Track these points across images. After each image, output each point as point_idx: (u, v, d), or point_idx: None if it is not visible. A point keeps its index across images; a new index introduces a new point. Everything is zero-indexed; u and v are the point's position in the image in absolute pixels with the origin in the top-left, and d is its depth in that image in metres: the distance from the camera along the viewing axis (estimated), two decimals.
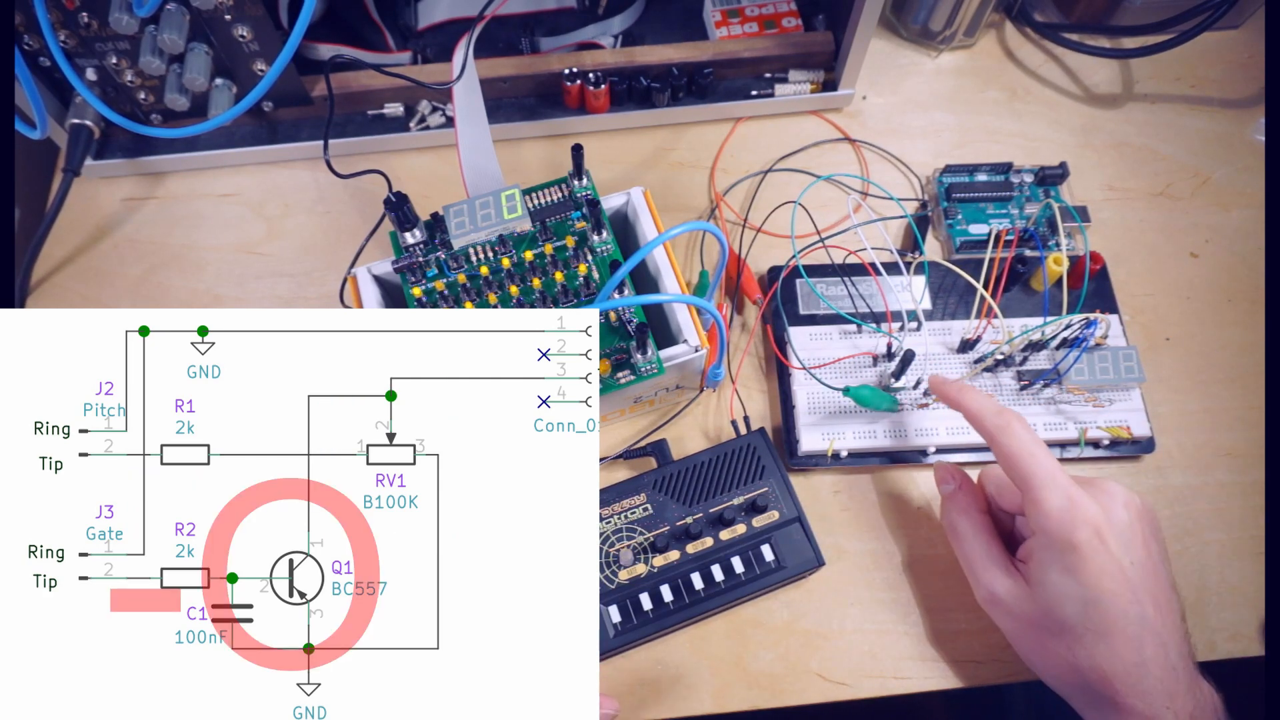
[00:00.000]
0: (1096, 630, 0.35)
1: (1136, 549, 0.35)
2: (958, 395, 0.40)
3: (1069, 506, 0.35)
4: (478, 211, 0.43)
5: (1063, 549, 0.35)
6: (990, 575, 0.38)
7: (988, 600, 0.39)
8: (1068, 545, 0.35)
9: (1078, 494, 0.35)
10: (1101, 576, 0.34)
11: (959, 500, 0.41)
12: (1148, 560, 0.36)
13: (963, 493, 0.41)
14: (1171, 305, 0.52)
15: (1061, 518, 0.35)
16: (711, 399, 0.49)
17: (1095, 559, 0.34)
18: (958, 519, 0.41)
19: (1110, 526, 0.35)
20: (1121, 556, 0.35)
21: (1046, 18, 0.62)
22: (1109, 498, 0.36)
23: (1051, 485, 0.36)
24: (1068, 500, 0.35)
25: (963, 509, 0.41)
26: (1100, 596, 0.34)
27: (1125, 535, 0.35)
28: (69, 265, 0.53)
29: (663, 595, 0.42)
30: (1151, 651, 0.34)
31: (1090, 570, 0.34)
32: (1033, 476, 0.36)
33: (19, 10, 0.46)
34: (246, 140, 0.55)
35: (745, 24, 0.58)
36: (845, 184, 0.56)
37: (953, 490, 0.42)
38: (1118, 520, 0.36)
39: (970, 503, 0.41)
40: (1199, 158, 0.57)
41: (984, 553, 0.39)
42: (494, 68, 0.54)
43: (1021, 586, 0.37)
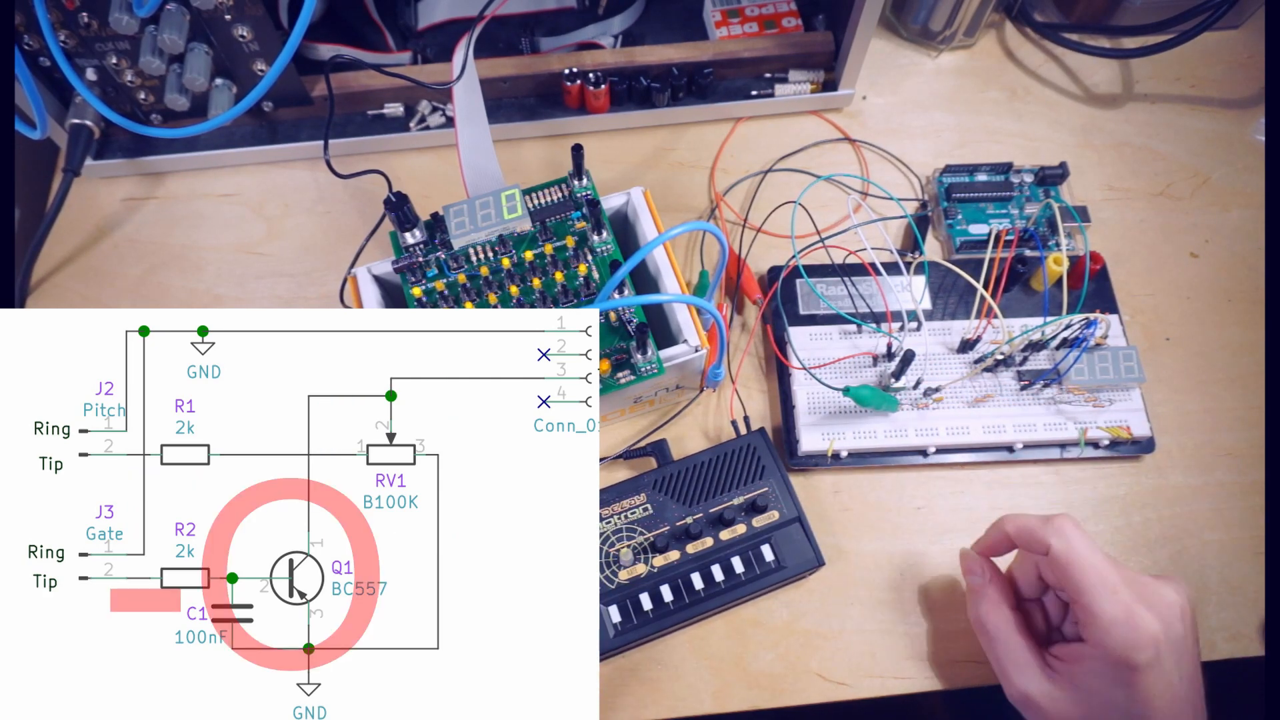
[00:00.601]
0: None
1: (1187, 664, 0.35)
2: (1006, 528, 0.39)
3: (1128, 621, 0.34)
4: (478, 211, 0.43)
5: (1120, 665, 0.34)
6: (1025, 678, 0.37)
7: (1021, 701, 0.38)
8: (1127, 663, 0.34)
9: (1136, 606, 0.34)
10: (1154, 695, 0.34)
11: (989, 595, 0.39)
12: (1194, 673, 0.35)
13: (993, 587, 0.40)
14: (1171, 305, 0.52)
15: (1122, 634, 0.34)
16: (711, 399, 0.49)
17: (1152, 677, 0.34)
18: (987, 616, 0.39)
19: (1169, 644, 0.34)
20: (1173, 673, 0.34)
21: (1046, 18, 0.62)
22: (1167, 609, 0.35)
23: (1110, 597, 0.35)
24: (1127, 614, 0.34)
25: (994, 604, 0.39)
26: (1149, 714, 0.34)
27: (1179, 649, 0.35)
28: (69, 265, 0.53)
29: (663, 595, 0.42)
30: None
31: (1145, 687, 0.34)
32: (1090, 587, 0.35)
33: (19, 10, 0.46)
34: (246, 140, 0.55)
35: (745, 24, 0.58)
36: (845, 184, 0.56)
37: (981, 584, 0.40)
38: (1174, 635, 0.35)
39: (1000, 598, 0.39)
40: (1199, 158, 0.57)
41: (1018, 654, 0.38)
42: (494, 68, 0.54)
43: (1060, 689, 0.36)
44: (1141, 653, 0.34)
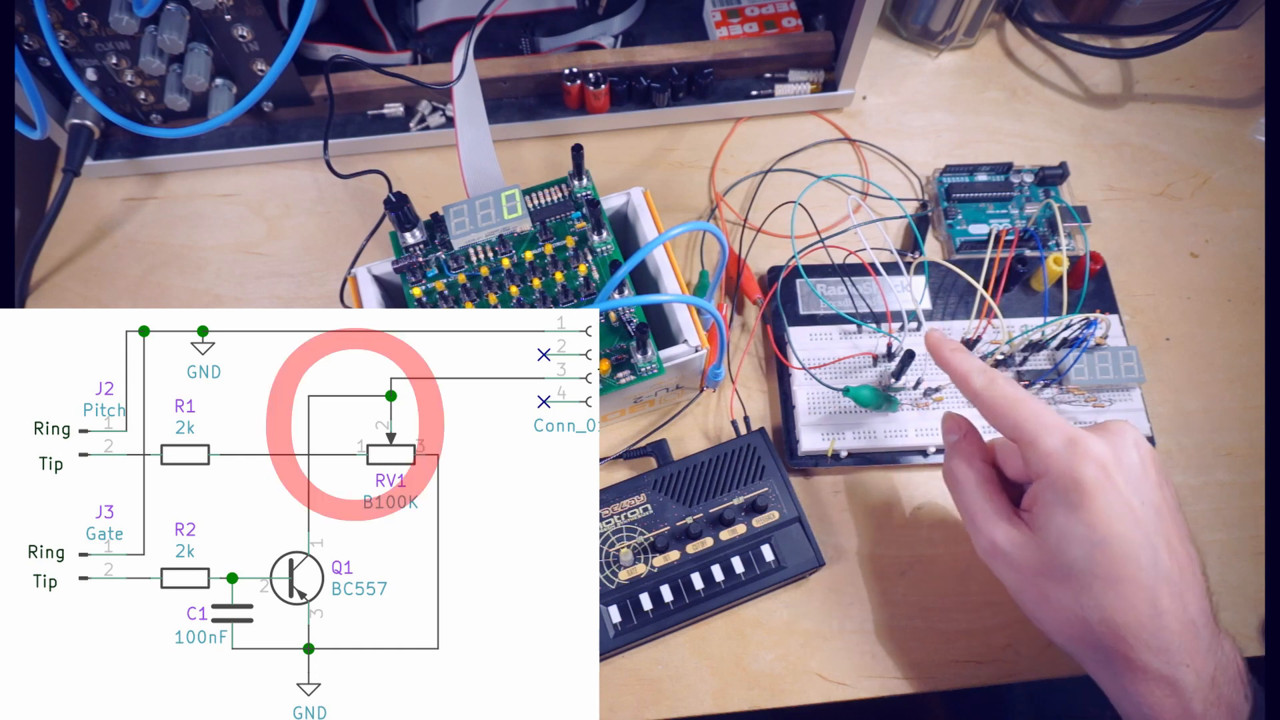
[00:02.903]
0: (1106, 576, 0.31)
1: (1148, 490, 0.32)
2: (948, 355, 0.38)
3: (1070, 444, 0.32)
4: (478, 211, 0.43)
5: (1066, 487, 0.32)
6: (990, 524, 0.35)
7: (988, 551, 0.36)
8: (1071, 482, 0.32)
9: (1079, 433, 0.33)
10: (1110, 516, 0.31)
11: (962, 449, 0.38)
12: (1162, 504, 0.33)
13: (966, 442, 0.38)
14: (1171, 305, 0.52)
15: (1063, 454, 0.32)
16: (711, 399, 0.49)
17: (1102, 496, 0.31)
18: (958, 466, 0.38)
19: (1119, 464, 0.32)
20: (1131, 496, 0.32)
21: (1046, 18, 0.62)
22: (1117, 437, 0.33)
23: (1047, 428, 0.33)
24: (1068, 439, 0.33)
25: (965, 457, 0.38)
26: (1108, 538, 0.31)
27: (1136, 475, 0.32)
28: (69, 265, 0.53)
29: (663, 595, 0.42)
30: (1168, 603, 0.31)
31: (1097, 508, 0.31)
32: (1025, 423, 0.34)
33: (19, 10, 0.46)
34: (246, 140, 0.55)
35: (745, 24, 0.58)
36: (845, 184, 0.56)
37: (957, 440, 0.39)
38: (1128, 460, 0.33)
39: (973, 452, 0.38)
40: (1199, 158, 0.57)
41: (985, 501, 0.36)
42: (494, 68, 0.54)
43: (1024, 534, 0.34)
44: (1084, 468, 0.32)
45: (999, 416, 0.35)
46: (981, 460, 0.38)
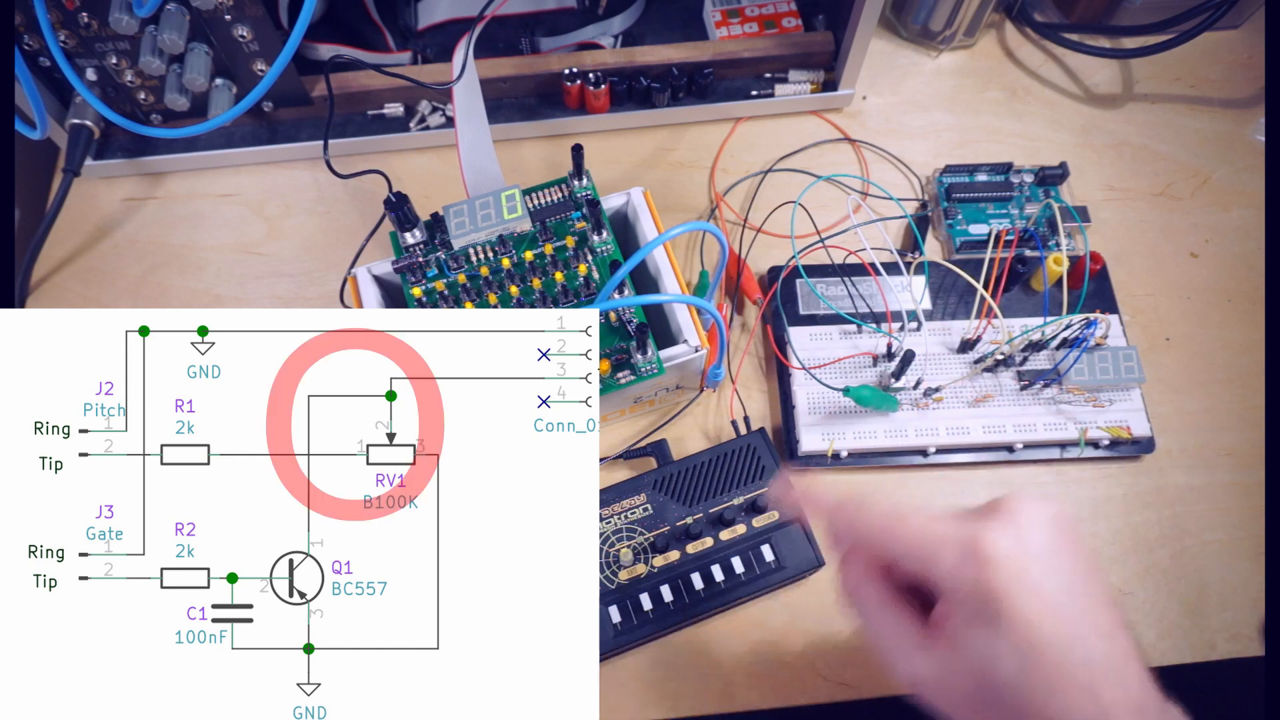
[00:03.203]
0: (1043, 686, 0.28)
1: (1062, 571, 0.29)
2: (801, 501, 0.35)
3: (970, 554, 0.29)
4: (478, 211, 0.43)
5: (979, 604, 0.29)
6: (907, 658, 0.31)
7: (912, 686, 0.31)
8: (984, 597, 0.28)
9: (975, 535, 0.29)
10: (1031, 622, 0.28)
11: (853, 568, 0.33)
12: (1078, 578, 0.30)
13: (855, 555, 0.33)
14: (1171, 305, 0.52)
15: (966, 569, 0.29)
16: (711, 399, 0.49)
17: (1020, 602, 0.28)
18: (856, 593, 0.33)
19: (1026, 556, 0.29)
20: (1048, 588, 0.29)
21: (1046, 18, 0.62)
22: (1014, 519, 0.30)
23: (939, 543, 0.30)
24: (965, 548, 0.29)
25: (859, 578, 0.33)
26: (1035, 645, 0.28)
27: (1046, 560, 0.29)
28: (69, 265, 0.53)
29: (663, 595, 0.42)
30: (1110, 694, 0.28)
31: (1018, 617, 0.28)
32: (912, 545, 0.30)
33: (19, 10, 0.46)
34: (246, 140, 0.55)
35: (745, 24, 0.58)
36: (845, 184, 0.56)
37: (845, 555, 0.34)
38: (1033, 545, 0.29)
39: (866, 568, 0.33)
40: (1199, 158, 0.57)
41: (894, 630, 0.32)
42: (494, 68, 0.54)
43: (945, 658, 0.30)
44: (995, 579, 0.28)
45: (882, 547, 0.32)
46: (878, 574, 0.33)
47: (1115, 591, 0.31)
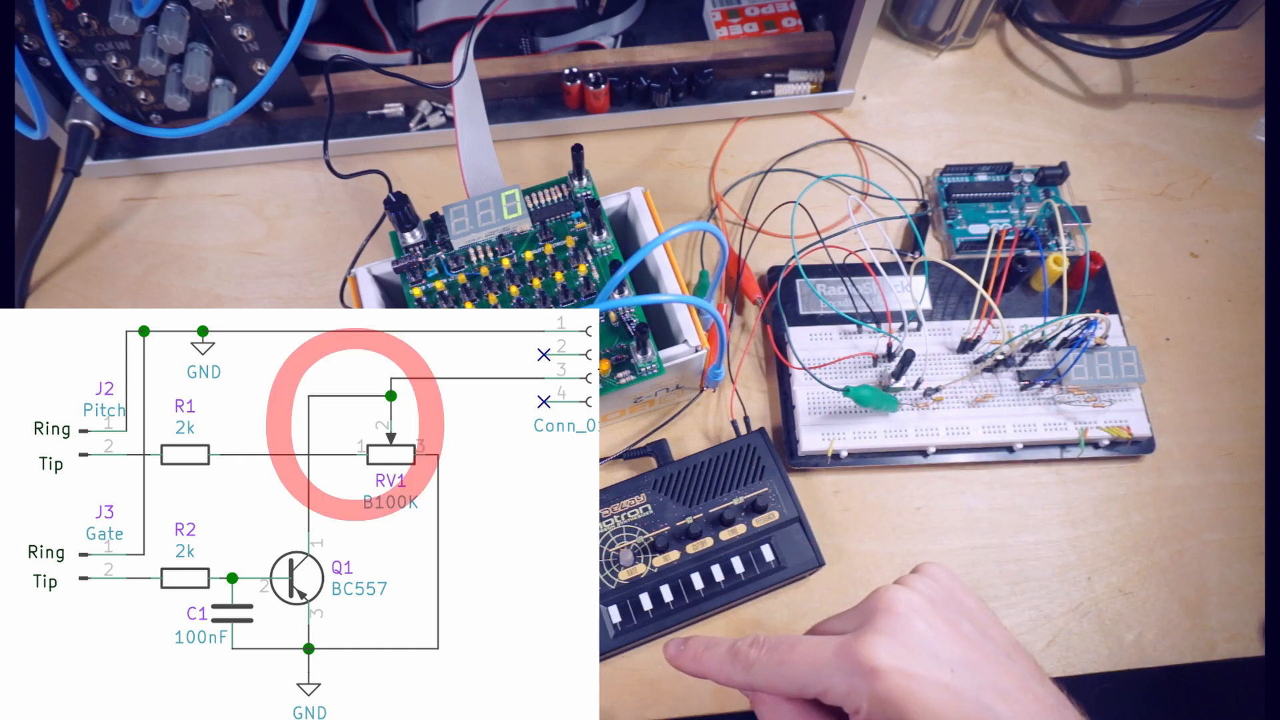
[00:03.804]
0: None
1: (950, 651, 0.30)
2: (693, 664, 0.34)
3: (854, 669, 0.29)
4: (478, 211, 0.43)
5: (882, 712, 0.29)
6: None
7: None
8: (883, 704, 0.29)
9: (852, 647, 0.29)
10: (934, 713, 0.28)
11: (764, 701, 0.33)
12: (970, 652, 0.30)
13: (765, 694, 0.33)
14: (1171, 305, 0.52)
15: (859, 688, 0.29)
16: (711, 399, 0.49)
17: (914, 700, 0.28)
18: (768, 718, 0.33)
19: (908, 650, 0.29)
20: (940, 675, 0.29)
21: (1046, 18, 0.62)
22: (889, 616, 0.30)
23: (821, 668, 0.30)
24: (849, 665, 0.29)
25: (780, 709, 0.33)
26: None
27: (930, 647, 0.30)
28: (69, 265, 0.53)
29: (663, 595, 0.42)
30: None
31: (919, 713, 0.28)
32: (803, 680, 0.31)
33: (19, 10, 0.46)
34: (246, 140, 0.55)
35: (745, 24, 0.58)
36: (845, 184, 0.56)
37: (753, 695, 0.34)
38: (914, 637, 0.30)
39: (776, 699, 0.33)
40: (1199, 158, 0.57)
41: None
42: (494, 68, 0.54)
43: None
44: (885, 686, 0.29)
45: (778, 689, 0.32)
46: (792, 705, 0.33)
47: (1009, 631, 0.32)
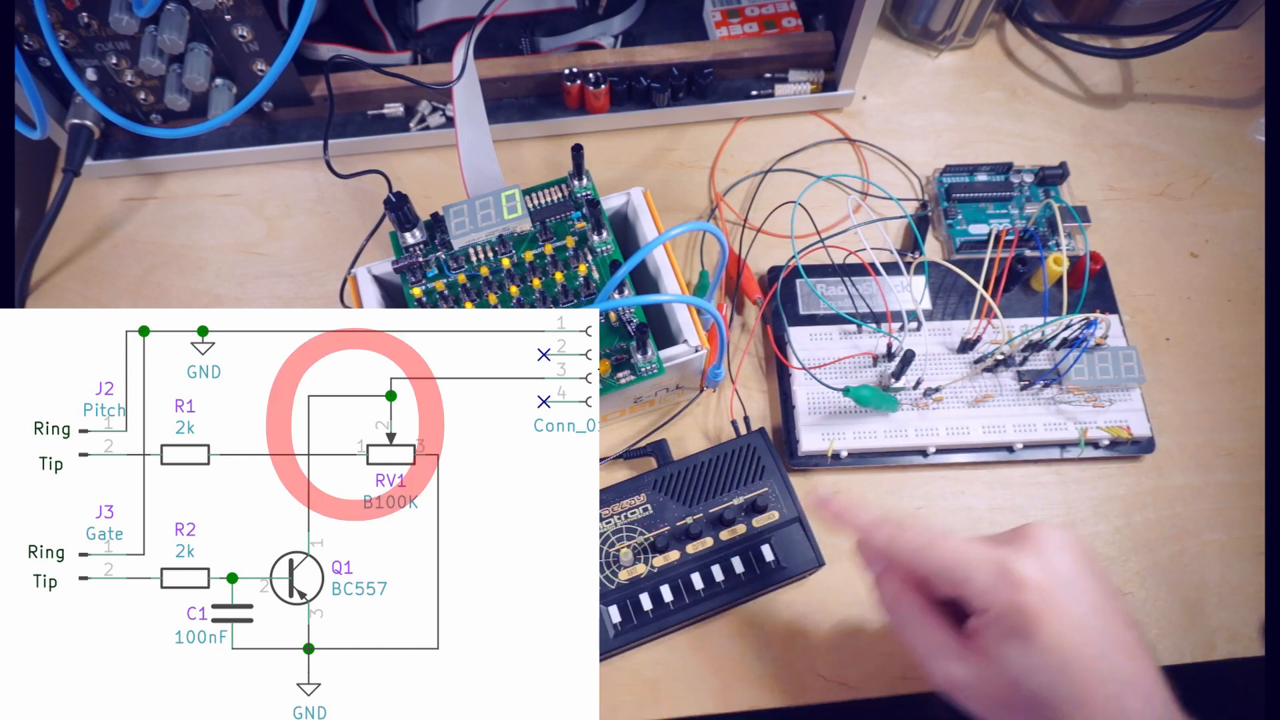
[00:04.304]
0: (1072, 699, 0.31)
1: (1088, 593, 0.32)
2: (841, 516, 0.37)
3: (1002, 576, 0.32)
4: (478, 211, 0.43)
5: (1013, 622, 0.31)
6: (943, 663, 0.34)
7: (948, 687, 0.34)
8: (1017, 616, 0.31)
9: (1007, 559, 0.32)
10: (1062, 639, 0.31)
11: (890, 584, 0.36)
12: (1101, 600, 0.33)
13: (891, 574, 0.36)
14: (1171, 305, 0.52)
15: (999, 589, 0.32)
16: (711, 399, 0.49)
17: (1050, 621, 0.31)
18: (893, 607, 0.36)
19: (1055, 580, 0.32)
20: (1075, 609, 0.32)
21: (1046, 18, 0.62)
22: (1040, 548, 0.33)
23: (973, 565, 0.33)
24: (998, 570, 0.32)
25: (895, 594, 0.36)
26: (1066, 660, 0.31)
27: (1072, 584, 0.32)
28: (69, 265, 0.53)
29: (663, 595, 0.42)
30: (1135, 706, 0.31)
31: (1048, 634, 0.31)
32: (948, 566, 0.33)
33: (19, 10, 0.46)
34: (246, 140, 0.55)
35: (745, 24, 0.58)
36: (845, 184, 0.56)
37: (880, 571, 0.37)
38: (1060, 570, 0.32)
39: (902, 585, 0.36)
40: (1199, 158, 0.57)
41: (930, 638, 0.34)
42: (494, 68, 0.54)
43: (979, 666, 0.33)
44: (1027, 599, 0.31)
45: (917, 567, 0.34)
46: (913, 590, 0.36)
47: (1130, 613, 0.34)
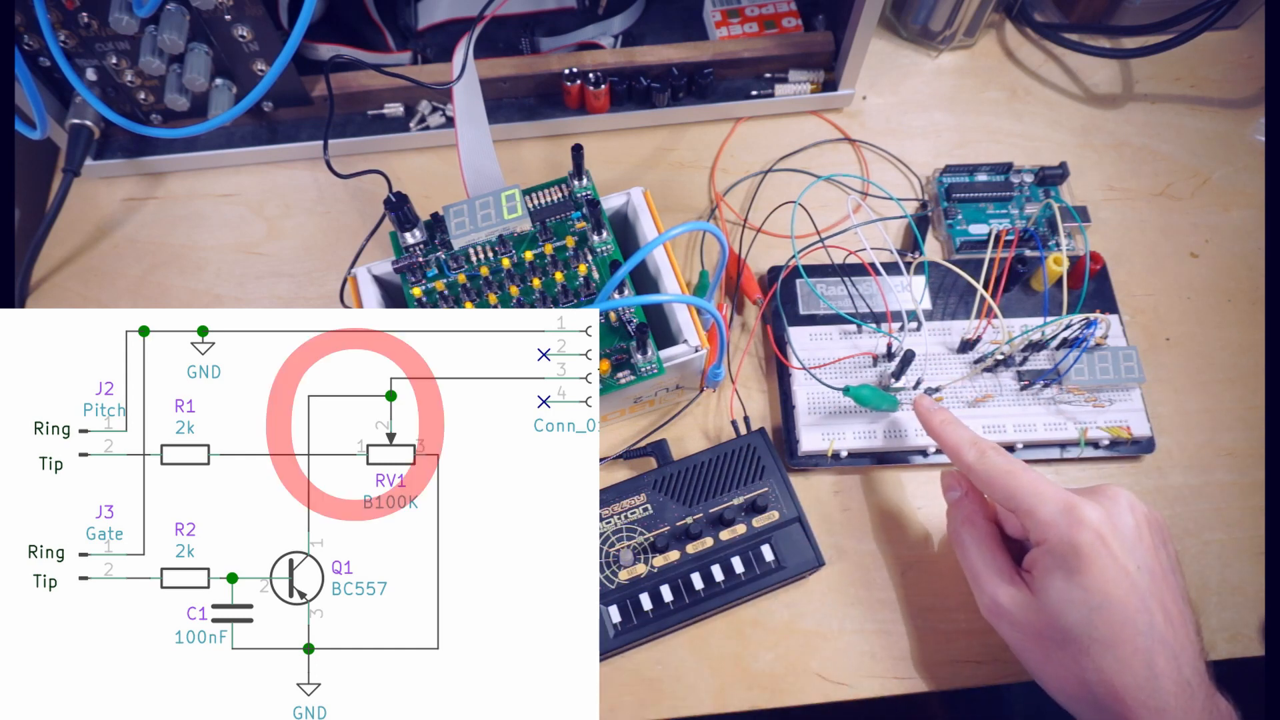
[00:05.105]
0: (1103, 640, 0.33)
1: (1143, 554, 0.34)
2: (939, 428, 0.40)
3: (1067, 511, 0.34)
4: (478, 211, 0.43)
5: (1064, 554, 0.34)
6: (993, 584, 0.37)
7: (991, 610, 0.37)
8: (1069, 549, 0.33)
9: (1075, 500, 0.34)
10: (1106, 581, 0.33)
11: (964, 507, 0.40)
12: (1157, 566, 0.34)
13: (968, 500, 0.40)
14: (1171, 305, 0.52)
15: (1060, 522, 0.34)
16: (711, 399, 0.49)
17: (1099, 562, 0.33)
18: (961, 528, 0.39)
19: (1114, 530, 0.34)
20: (1127, 561, 0.33)
21: (1046, 18, 0.62)
22: (1112, 501, 0.35)
23: (1043, 498, 0.35)
24: (1064, 506, 0.34)
25: (967, 517, 0.39)
26: (1106, 602, 0.33)
27: (1130, 539, 0.34)
28: (69, 265, 0.53)
29: (663, 595, 0.42)
30: (1163, 665, 0.32)
31: (1094, 574, 0.33)
32: (1021, 493, 0.35)
33: (19, 10, 0.46)
34: (246, 140, 0.55)
35: (745, 24, 0.58)
36: (845, 184, 0.56)
37: (958, 497, 0.41)
38: (1123, 524, 0.34)
39: (975, 510, 0.40)
40: (1199, 158, 0.57)
41: (988, 561, 0.38)
42: (494, 68, 0.54)
43: (1025, 595, 0.36)
44: (1080, 534, 0.33)
45: (994, 489, 0.37)
46: (984, 518, 0.39)
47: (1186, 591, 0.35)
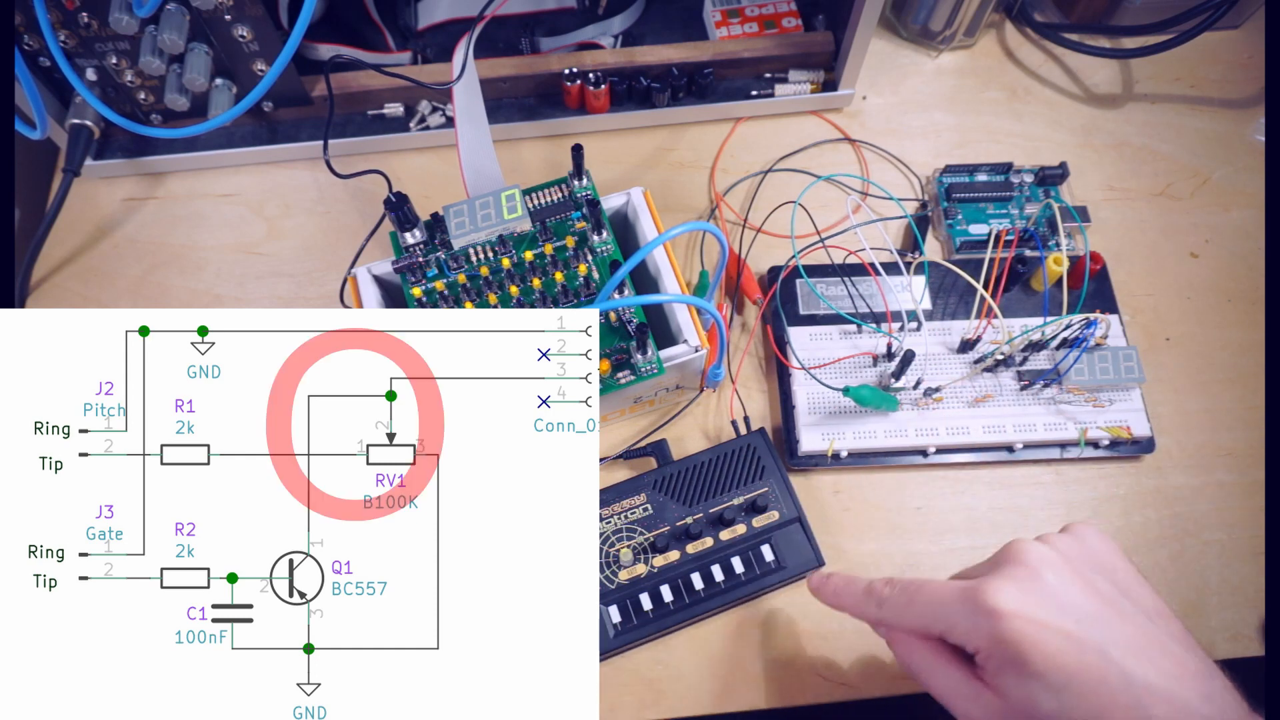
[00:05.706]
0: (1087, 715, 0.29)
1: (1078, 603, 0.31)
2: (833, 599, 0.37)
3: (975, 609, 0.31)
4: (478, 211, 0.43)
5: (1000, 654, 0.30)
6: (964, 705, 0.33)
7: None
8: (1000, 647, 0.30)
9: (978, 590, 0.31)
10: (1053, 658, 0.29)
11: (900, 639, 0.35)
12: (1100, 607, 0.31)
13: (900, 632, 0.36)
14: (1171, 305, 0.52)
15: (978, 626, 0.30)
16: (711, 399, 0.49)
17: (1036, 644, 0.29)
18: (908, 661, 0.35)
19: (1034, 599, 0.30)
20: (1064, 623, 0.30)
21: (1046, 18, 0.62)
22: (1017, 566, 0.31)
23: (946, 607, 0.32)
24: (971, 605, 0.31)
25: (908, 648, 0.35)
26: (1067, 680, 0.29)
27: (1056, 597, 0.31)
28: (69, 265, 0.53)
29: (663, 595, 0.42)
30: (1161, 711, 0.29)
31: (1038, 658, 0.29)
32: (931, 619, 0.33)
33: (19, 10, 0.46)
34: (246, 140, 0.55)
35: (745, 24, 0.58)
36: (845, 184, 0.56)
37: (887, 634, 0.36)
38: (1040, 585, 0.31)
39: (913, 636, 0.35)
40: (1199, 158, 0.57)
41: (949, 684, 0.33)
42: (494, 68, 0.54)
43: (995, 704, 0.32)
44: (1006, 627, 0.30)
45: (908, 626, 0.34)
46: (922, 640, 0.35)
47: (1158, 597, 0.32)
